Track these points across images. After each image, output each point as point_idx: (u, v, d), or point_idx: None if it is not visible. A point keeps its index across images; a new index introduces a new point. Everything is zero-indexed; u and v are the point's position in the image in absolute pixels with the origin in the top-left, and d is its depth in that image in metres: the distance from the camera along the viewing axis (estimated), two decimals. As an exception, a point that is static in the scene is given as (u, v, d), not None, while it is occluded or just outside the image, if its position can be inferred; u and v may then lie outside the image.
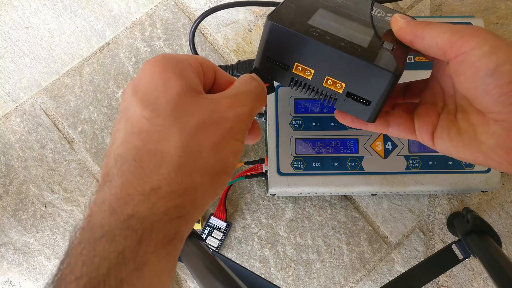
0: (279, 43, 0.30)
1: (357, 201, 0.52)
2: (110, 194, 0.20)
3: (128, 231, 0.19)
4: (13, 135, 0.54)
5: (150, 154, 0.21)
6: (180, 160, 0.21)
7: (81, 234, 0.20)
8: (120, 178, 0.21)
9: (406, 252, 0.51)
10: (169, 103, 0.22)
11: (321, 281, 0.51)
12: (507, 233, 0.52)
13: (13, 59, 0.56)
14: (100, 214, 0.20)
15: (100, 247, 0.19)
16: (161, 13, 0.56)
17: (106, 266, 0.18)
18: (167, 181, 0.21)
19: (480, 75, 0.24)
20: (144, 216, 0.20)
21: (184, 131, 0.22)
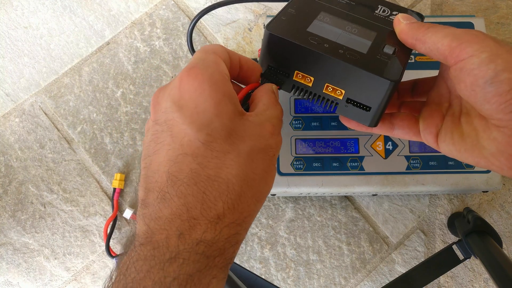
0: (278, 52, 0.30)
1: (358, 201, 0.52)
2: (170, 214, 0.21)
3: (197, 256, 0.20)
4: (12, 135, 0.54)
5: (211, 180, 0.22)
6: (240, 189, 0.22)
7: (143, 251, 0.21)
8: (180, 200, 0.21)
9: (407, 253, 0.51)
10: (224, 129, 0.22)
11: (322, 281, 0.50)
12: (508, 233, 0.52)
13: (12, 58, 0.55)
14: (163, 234, 0.21)
15: (171, 269, 0.20)
16: (160, 13, 0.56)
17: (176, 286, 0.19)
18: (230, 210, 0.22)
19: (479, 83, 0.24)
20: (211, 242, 0.21)
21: (240, 158, 0.22)
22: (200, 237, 0.21)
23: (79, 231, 0.52)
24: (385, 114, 0.32)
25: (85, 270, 0.51)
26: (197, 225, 0.21)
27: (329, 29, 0.30)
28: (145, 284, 0.19)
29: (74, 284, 0.51)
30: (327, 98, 0.31)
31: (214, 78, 0.23)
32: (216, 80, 0.23)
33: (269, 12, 0.56)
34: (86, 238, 0.52)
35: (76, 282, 0.51)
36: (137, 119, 0.54)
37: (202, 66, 0.23)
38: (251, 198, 0.23)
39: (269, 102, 0.27)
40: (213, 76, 0.23)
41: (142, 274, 0.20)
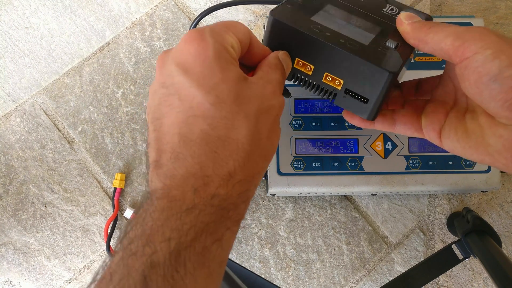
0: (280, 38, 0.30)
1: (357, 201, 0.52)
2: (185, 172, 0.22)
3: (213, 209, 0.22)
4: (13, 135, 0.54)
5: (221, 140, 0.23)
6: (249, 148, 0.23)
7: (160, 203, 0.22)
8: (193, 159, 0.22)
9: (406, 252, 0.51)
10: (232, 91, 0.23)
11: (321, 281, 0.51)
12: (507, 233, 0.52)
13: (13, 59, 0.56)
14: (179, 190, 0.22)
15: (187, 218, 0.21)
16: (161, 13, 0.56)
17: (193, 233, 0.21)
18: (241, 168, 0.23)
19: (483, 81, 0.24)
20: (224, 198, 0.22)
21: (248, 119, 0.23)
22: (214, 192, 0.22)
23: (80, 231, 0.52)
24: (387, 110, 0.32)
25: (85, 269, 0.52)
26: (211, 182, 0.22)
27: (333, 20, 0.31)
28: (163, 230, 0.20)
29: (74, 283, 0.51)
30: (326, 89, 0.31)
31: (217, 45, 0.24)
32: (219, 47, 0.24)
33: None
34: (86, 238, 0.52)
35: (76, 282, 0.51)
36: (138, 119, 0.54)
37: (208, 33, 0.24)
38: (259, 156, 0.24)
39: (269, 66, 0.28)
40: (216, 44, 0.24)
41: (159, 222, 0.21)
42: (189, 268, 0.20)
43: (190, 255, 0.21)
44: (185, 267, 0.20)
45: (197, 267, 0.21)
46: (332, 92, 0.31)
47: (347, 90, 0.30)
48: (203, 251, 0.21)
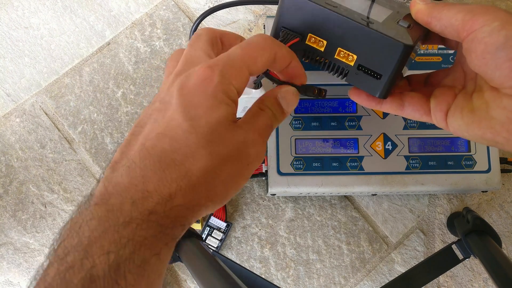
0: (294, 12, 0.30)
1: (357, 201, 0.52)
2: (128, 182, 0.23)
3: (150, 224, 0.22)
4: (13, 135, 0.54)
5: (174, 163, 0.23)
6: (197, 182, 0.23)
7: (97, 211, 0.22)
8: (142, 171, 0.23)
9: (406, 252, 0.51)
10: (208, 127, 0.24)
11: (321, 281, 0.51)
12: (507, 233, 0.52)
13: (13, 59, 0.56)
14: (118, 199, 0.22)
15: (125, 232, 0.21)
16: (161, 13, 0.56)
17: (131, 247, 0.21)
18: (182, 195, 0.23)
19: (490, 50, 0.24)
20: (161, 216, 0.22)
21: (211, 157, 0.24)
22: (152, 208, 0.22)
23: (80, 231, 0.52)
24: (396, 92, 0.32)
25: (85, 269, 0.52)
26: (149, 197, 0.22)
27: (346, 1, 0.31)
28: (101, 243, 0.21)
29: (74, 283, 0.51)
30: (337, 65, 0.31)
31: (219, 86, 0.24)
32: (220, 88, 0.24)
33: (269, 12, 0.56)
34: (86, 238, 0.52)
35: (76, 282, 0.51)
36: (138, 119, 0.54)
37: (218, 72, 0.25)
38: (205, 193, 0.24)
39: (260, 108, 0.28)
40: (219, 85, 0.24)
41: (97, 234, 0.21)
42: (129, 280, 0.20)
43: (130, 267, 0.21)
44: (126, 279, 0.20)
45: (137, 279, 0.21)
46: (345, 68, 0.31)
47: (360, 66, 0.30)
48: (143, 264, 0.21)
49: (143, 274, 0.21)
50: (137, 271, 0.21)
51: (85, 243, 0.21)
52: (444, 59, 0.46)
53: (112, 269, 0.20)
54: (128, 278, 0.20)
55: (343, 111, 0.45)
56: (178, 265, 0.51)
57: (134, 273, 0.21)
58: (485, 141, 0.27)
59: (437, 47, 0.46)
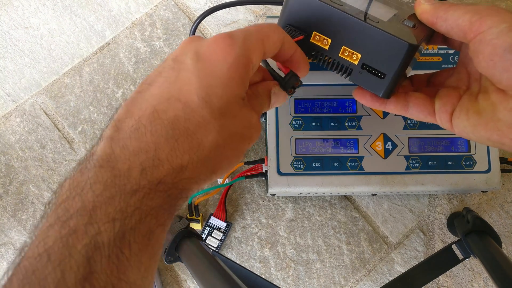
0: (299, 10, 0.30)
1: (357, 201, 0.52)
2: (137, 147, 0.22)
3: (157, 194, 0.21)
4: (13, 135, 0.54)
5: (187, 133, 0.23)
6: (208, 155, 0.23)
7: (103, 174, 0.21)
8: (152, 137, 0.22)
9: (406, 252, 0.51)
10: (224, 99, 0.24)
11: (321, 281, 0.51)
12: (507, 233, 0.52)
13: (13, 59, 0.56)
14: (126, 163, 0.21)
15: (132, 200, 0.20)
16: (161, 13, 0.56)
17: (138, 216, 0.20)
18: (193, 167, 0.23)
19: (498, 52, 0.24)
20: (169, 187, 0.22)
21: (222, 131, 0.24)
22: (161, 178, 0.21)
23: (80, 231, 0.52)
24: (400, 92, 0.32)
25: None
26: (160, 166, 0.22)
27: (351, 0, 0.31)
28: (107, 210, 0.20)
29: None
30: (342, 64, 0.31)
31: (240, 59, 0.24)
32: (242, 61, 0.24)
33: (269, 12, 0.56)
34: (86, 238, 0.52)
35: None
36: (138, 119, 0.54)
37: (240, 42, 0.24)
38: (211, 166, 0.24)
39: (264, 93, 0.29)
40: (242, 56, 0.24)
41: (102, 199, 0.20)
42: (134, 250, 0.20)
43: (135, 237, 0.20)
44: (130, 249, 0.20)
45: (142, 249, 0.20)
46: (348, 67, 0.31)
47: (364, 65, 0.30)
48: (148, 234, 0.21)
49: (147, 244, 0.21)
50: (142, 240, 0.20)
51: (89, 208, 0.20)
52: (444, 59, 0.46)
53: (118, 238, 0.19)
54: (133, 248, 0.20)
55: (343, 111, 0.45)
56: (178, 265, 0.51)
57: (139, 243, 0.20)
58: (491, 143, 0.27)
59: (437, 47, 0.46)
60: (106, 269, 0.19)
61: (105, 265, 0.19)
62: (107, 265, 0.19)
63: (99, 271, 0.18)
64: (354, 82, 0.31)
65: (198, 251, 0.40)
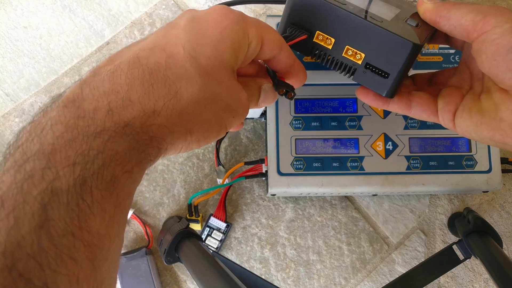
0: (303, 10, 0.30)
1: (358, 201, 0.52)
2: (109, 88, 0.20)
3: (124, 137, 0.20)
4: (12, 135, 0.54)
5: (166, 81, 0.22)
6: (186, 107, 0.22)
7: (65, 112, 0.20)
8: (126, 79, 0.21)
9: (407, 253, 0.51)
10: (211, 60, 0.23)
11: (322, 282, 0.50)
12: (508, 233, 0.52)
13: (11, 58, 0.55)
14: (93, 104, 0.20)
15: (95, 143, 0.19)
16: (160, 12, 0.56)
17: (101, 161, 0.19)
18: (167, 114, 0.21)
19: (501, 52, 0.24)
20: (137, 131, 0.20)
21: (204, 89, 0.23)
22: (129, 120, 0.20)
23: (79, 231, 0.52)
24: (403, 92, 0.32)
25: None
26: (129, 107, 0.20)
27: None
28: (67, 153, 0.18)
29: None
30: (345, 63, 0.31)
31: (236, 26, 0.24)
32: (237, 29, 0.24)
33: (269, 12, 0.56)
34: (86, 238, 0.52)
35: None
36: (137, 119, 0.54)
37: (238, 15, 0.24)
38: (188, 122, 0.22)
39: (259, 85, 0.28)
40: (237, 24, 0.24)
41: (62, 141, 0.19)
42: (96, 197, 0.18)
43: (97, 183, 0.19)
44: (92, 196, 0.18)
45: (105, 196, 0.19)
46: (352, 67, 0.31)
47: (368, 64, 0.30)
48: (112, 181, 0.19)
49: (111, 191, 0.19)
50: (105, 187, 0.19)
51: (48, 150, 0.18)
52: (445, 58, 0.46)
53: (78, 183, 0.18)
54: (95, 194, 0.18)
55: (344, 111, 0.45)
56: (178, 265, 0.51)
57: (102, 190, 0.19)
58: (493, 143, 0.27)
59: (438, 47, 0.46)
60: (64, 216, 0.17)
61: (63, 213, 0.17)
62: (66, 212, 0.17)
63: (57, 219, 0.17)
64: (358, 81, 0.31)
65: (197, 252, 0.39)
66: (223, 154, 0.52)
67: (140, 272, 0.48)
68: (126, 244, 0.51)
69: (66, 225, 0.17)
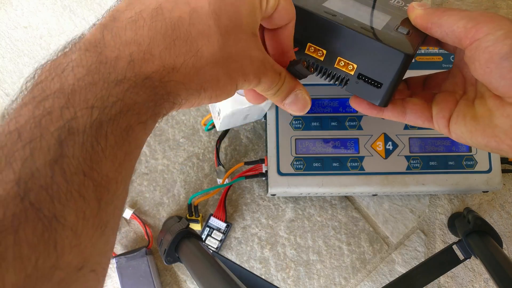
0: None
1: (358, 201, 0.52)
2: (131, 38, 0.20)
3: (143, 89, 0.20)
4: (12, 135, 0.54)
5: (188, 38, 0.22)
6: (205, 65, 0.22)
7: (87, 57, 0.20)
8: (149, 32, 0.21)
9: (407, 253, 0.51)
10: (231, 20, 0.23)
11: (322, 282, 0.50)
12: (508, 233, 0.52)
13: (12, 58, 0.55)
14: (115, 52, 0.20)
15: (115, 90, 0.19)
16: (160, 13, 0.56)
17: (118, 108, 0.19)
18: (185, 72, 0.22)
19: (494, 59, 0.24)
20: (156, 84, 0.21)
21: (224, 47, 0.23)
22: (149, 73, 0.20)
23: (79, 231, 0.52)
24: (397, 99, 0.32)
25: (85, 270, 0.51)
26: (151, 61, 0.21)
27: (344, 7, 0.31)
28: (86, 96, 0.19)
29: (74, 284, 0.51)
30: (338, 74, 0.31)
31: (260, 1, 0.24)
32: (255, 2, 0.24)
33: None
34: (86, 238, 0.52)
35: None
36: (137, 119, 0.54)
37: None
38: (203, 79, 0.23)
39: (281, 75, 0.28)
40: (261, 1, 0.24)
41: (82, 84, 0.19)
42: (110, 142, 0.19)
43: (112, 129, 0.19)
44: (107, 140, 0.19)
45: (118, 142, 0.19)
46: (344, 77, 0.31)
47: (360, 75, 0.30)
48: (127, 129, 0.20)
49: (125, 139, 0.20)
50: (120, 134, 0.19)
51: (68, 91, 0.19)
52: (445, 59, 0.46)
53: (94, 126, 0.18)
54: (109, 139, 0.19)
55: (344, 111, 0.45)
56: (178, 265, 0.51)
57: (117, 135, 0.19)
58: (488, 149, 0.27)
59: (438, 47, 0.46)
60: (78, 155, 0.18)
61: (77, 152, 0.18)
62: (80, 152, 0.18)
63: (71, 156, 0.18)
64: (351, 92, 0.31)
65: (197, 252, 0.39)
66: (223, 154, 0.52)
67: (140, 272, 0.48)
68: (126, 244, 0.51)
69: (79, 163, 0.18)
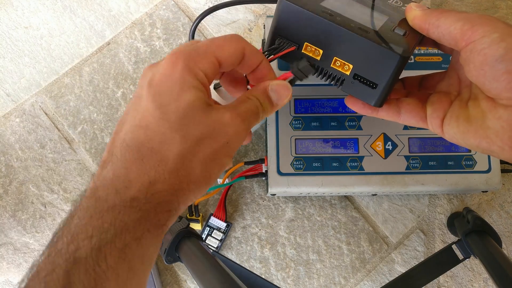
0: (290, 21, 0.30)
1: (357, 201, 0.52)
2: (113, 174, 0.24)
3: (132, 210, 0.23)
4: (12, 135, 0.54)
5: (152, 152, 0.24)
6: (175, 167, 0.25)
7: (87, 202, 0.24)
8: (122, 163, 0.24)
9: (407, 252, 0.51)
10: (179, 112, 0.25)
11: (321, 281, 0.51)
12: (507, 233, 0.52)
13: (12, 59, 0.56)
14: (104, 190, 0.24)
15: (108, 217, 0.23)
16: (160, 13, 0.56)
17: (113, 231, 0.22)
18: (162, 180, 0.24)
19: (488, 62, 0.25)
20: (143, 202, 0.24)
21: (184, 140, 0.25)
22: (134, 195, 0.24)
23: (80, 231, 0.52)
24: (392, 99, 0.32)
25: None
26: (132, 186, 0.24)
27: (341, 7, 0.31)
28: (87, 228, 0.22)
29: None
30: (334, 74, 0.31)
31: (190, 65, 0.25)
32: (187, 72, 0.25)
33: (269, 12, 0.56)
34: (86, 238, 0.52)
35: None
36: (138, 119, 0.54)
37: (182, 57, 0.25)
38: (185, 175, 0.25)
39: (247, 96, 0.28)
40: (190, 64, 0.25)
41: (84, 221, 0.23)
42: (110, 263, 0.22)
43: (110, 250, 0.22)
44: (106, 262, 0.22)
45: (118, 262, 0.22)
46: (340, 77, 0.31)
47: (356, 75, 0.30)
48: (123, 248, 0.23)
49: (124, 257, 0.23)
50: (117, 254, 0.22)
51: (73, 230, 0.23)
52: (444, 59, 0.46)
53: (94, 252, 0.22)
54: (109, 260, 0.22)
55: (343, 111, 0.45)
56: (178, 265, 0.51)
57: (115, 256, 0.22)
58: (480, 150, 0.28)
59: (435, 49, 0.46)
60: (83, 280, 0.21)
61: (82, 277, 0.21)
62: (85, 276, 0.21)
63: (77, 282, 0.21)
64: (346, 91, 0.31)
65: (198, 251, 0.40)
66: (223, 154, 0.52)
67: (141, 271, 0.48)
68: (126, 243, 0.51)
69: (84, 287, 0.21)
